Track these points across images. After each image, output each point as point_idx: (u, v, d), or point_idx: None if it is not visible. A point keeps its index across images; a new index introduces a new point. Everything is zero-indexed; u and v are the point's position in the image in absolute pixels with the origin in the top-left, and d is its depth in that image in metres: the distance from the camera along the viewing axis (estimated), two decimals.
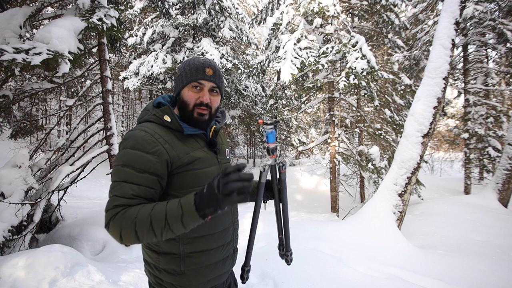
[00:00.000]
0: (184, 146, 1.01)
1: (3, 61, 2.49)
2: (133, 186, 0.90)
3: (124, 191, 0.89)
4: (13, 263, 2.58)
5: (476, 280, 2.93)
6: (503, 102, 12.21)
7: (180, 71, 1.07)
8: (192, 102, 1.04)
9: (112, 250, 3.94)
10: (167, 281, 1.03)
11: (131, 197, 0.89)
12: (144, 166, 0.91)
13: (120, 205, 0.88)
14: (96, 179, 9.20)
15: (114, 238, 0.89)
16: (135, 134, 0.96)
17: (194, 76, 1.03)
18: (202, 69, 1.04)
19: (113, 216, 0.87)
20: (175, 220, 0.81)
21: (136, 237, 0.84)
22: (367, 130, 8.25)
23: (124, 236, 0.85)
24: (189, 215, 0.80)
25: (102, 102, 4.14)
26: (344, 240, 3.86)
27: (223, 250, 1.10)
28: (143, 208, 0.86)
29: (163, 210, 0.83)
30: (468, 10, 7.45)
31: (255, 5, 17.01)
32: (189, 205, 0.80)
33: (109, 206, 0.89)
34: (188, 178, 0.99)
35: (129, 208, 0.87)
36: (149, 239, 0.84)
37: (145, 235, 0.83)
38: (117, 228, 0.85)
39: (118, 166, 0.94)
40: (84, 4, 3.39)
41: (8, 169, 3.40)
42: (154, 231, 0.82)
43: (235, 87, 11.02)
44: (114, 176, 0.93)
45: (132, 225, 0.83)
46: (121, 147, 0.96)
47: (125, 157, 0.93)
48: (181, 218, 0.81)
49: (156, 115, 1.02)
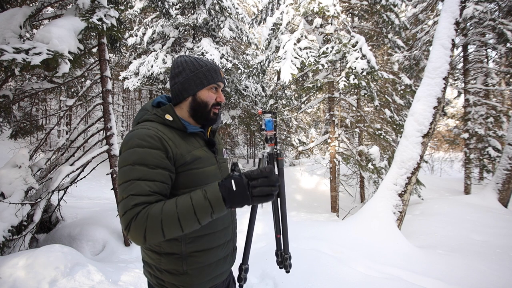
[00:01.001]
0: (186, 144, 1.02)
1: (3, 61, 2.49)
2: (149, 182, 0.88)
3: (140, 188, 0.87)
4: (13, 263, 2.58)
5: (476, 280, 2.93)
6: (503, 102, 12.22)
7: (194, 72, 1.08)
8: (211, 102, 1.10)
9: (112, 250, 3.94)
10: (169, 281, 1.03)
11: (149, 194, 0.87)
12: (155, 162, 0.91)
13: (139, 203, 0.85)
14: (96, 179, 9.19)
15: (134, 241, 0.85)
16: (138, 133, 0.95)
17: (214, 79, 1.09)
18: (219, 72, 1.11)
19: (134, 217, 0.84)
20: (204, 216, 0.84)
21: (162, 235, 0.83)
22: (367, 130, 8.25)
23: (149, 236, 0.83)
24: (219, 210, 0.84)
25: (102, 102, 4.14)
26: (344, 240, 3.86)
27: (224, 248, 1.10)
28: (166, 205, 0.84)
29: (189, 206, 0.83)
30: (468, 10, 7.45)
31: (255, 5, 17.01)
32: (218, 201, 0.83)
33: (127, 207, 0.86)
34: (190, 177, 1.00)
35: (150, 207, 0.84)
36: (175, 234, 0.84)
37: (172, 231, 0.83)
38: (141, 228, 0.82)
39: (128, 166, 0.91)
40: (84, 4, 3.39)
41: (8, 169, 3.40)
42: (182, 227, 0.83)
43: (235, 87, 11.02)
44: (125, 176, 0.90)
45: (158, 223, 0.82)
46: (126, 147, 0.94)
47: (134, 156, 0.91)
48: (211, 213, 0.84)
49: (157, 114, 1.03)
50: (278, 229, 1.31)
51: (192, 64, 1.08)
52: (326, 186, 10.21)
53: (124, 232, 0.86)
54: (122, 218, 0.86)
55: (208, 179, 1.04)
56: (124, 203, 0.87)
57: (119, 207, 0.89)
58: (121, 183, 0.90)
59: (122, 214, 0.86)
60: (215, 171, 1.09)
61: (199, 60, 1.10)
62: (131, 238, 0.85)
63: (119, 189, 0.91)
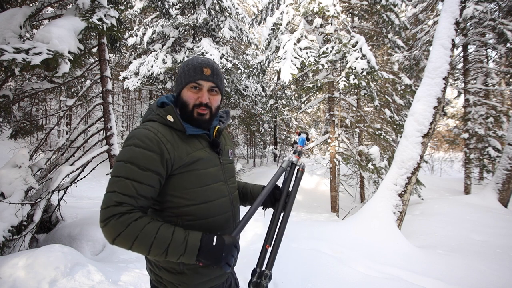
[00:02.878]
0: (187, 146, 1.02)
1: (3, 61, 2.49)
2: (136, 184, 0.90)
3: (126, 188, 0.90)
4: (13, 263, 2.58)
5: (476, 280, 2.93)
6: (503, 102, 12.22)
7: (180, 72, 1.09)
8: (191, 103, 1.05)
9: (112, 250, 3.93)
10: (167, 279, 1.04)
11: (133, 196, 0.90)
12: (147, 164, 0.92)
13: (122, 202, 0.88)
14: (96, 179, 9.19)
15: (105, 236, 0.88)
16: (138, 132, 0.97)
17: (192, 77, 1.04)
18: (200, 69, 1.04)
19: (117, 216, 0.87)
20: (174, 253, 0.89)
21: (129, 246, 0.87)
22: (367, 130, 8.25)
23: (119, 241, 0.87)
24: (189, 256, 0.90)
25: (102, 102, 4.14)
26: (344, 240, 3.86)
27: None
28: (149, 226, 0.88)
29: (168, 238, 0.88)
30: (468, 10, 7.45)
31: (255, 5, 17.02)
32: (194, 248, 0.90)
33: (110, 202, 0.89)
34: (191, 178, 1.00)
35: (135, 216, 0.88)
36: (139, 252, 0.89)
37: (139, 249, 0.88)
38: (117, 230, 0.86)
39: (121, 162, 0.93)
40: (84, 4, 3.39)
41: (8, 169, 3.40)
42: (150, 250, 0.88)
43: (235, 87, 11.02)
44: (116, 171, 0.93)
45: (133, 236, 0.86)
46: (125, 144, 0.97)
47: (129, 153, 0.93)
48: (180, 255, 0.89)
49: (160, 115, 1.03)
50: (271, 239, 1.16)
51: (184, 64, 1.09)
52: (326, 186, 10.21)
53: (100, 224, 0.88)
54: (102, 211, 0.88)
55: (209, 180, 1.04)
56: (108, 196, 0.90)
57: (103, 197, 0.91)
58: (112, 176, 0.94)
59: (104, 207, 0.89)
60: (217, 172, 1.08)
61: (192, 59, 1.09)
62: (104, 232, 0.88)
63: (109, 180, 0.94)
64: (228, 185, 1.13)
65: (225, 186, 1.11)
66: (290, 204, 1.22)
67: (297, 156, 1.26)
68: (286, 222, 1.19)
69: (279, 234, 1.16)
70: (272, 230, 1.18)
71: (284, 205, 1.22)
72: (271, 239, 1.17)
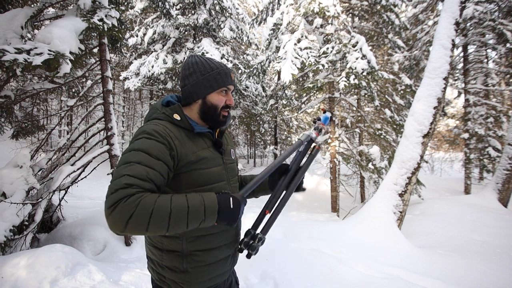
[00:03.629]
0: (192, 144, 1.03)
1: (5, 61, 2.50)
2: (148, 169, 0.87)
3: (138, 171, 0.85)
4: (14, 263, 2.58)
5: (476, 280, 2.94)
6: (503, 102, 12.22)
7: (204, 75, 1.08)
8: (220, 105, 1.10)
9: (112, 250, 3.94)
10: (170, 278, 1.04)
11: (145, 179, 0.85)
12: (159, 154, 0.91)
13: (133, 184, 0.82)
14: (97, 179, 9.20)
15: (114, 225, 0.78)
16: (148, 127, 0.98)
17: (225, 82, 1.10)
18: (229, 75, 1.11)
19: (125, 198, 0.79)
20: (194, 221, 0.86)
21: (145, 228, 0.79)
22: (367, 130, 8.26)
23: (132, 223, 0.78)
24: (209, 221, 0.88)
25: (103, 102, 4.14)
26: (344, 240, 3.87)
27: (226, 249, 1.11)
28: (160, 198, 0.83)
29: (184, 206, 0.84)
30: (468, 11, 7.46)
31: (256, 5, 17.02)
32: (213, 212, 0.88)
33: (119, 185, 0.81)
34: (194, 177, 1.01)
35: (144, 194, 0.81)
36: (158, 232, 0.81)
37: (157, 226, 0.80)
38: (127, 212, 0.77)
39: (132, 151, 0.90)
40: (85, 5, 3.40)
41: (9, 169, 3.41)
42: (169, 224, 0.82)
43: (236, 87, 11.03)
44: (126, 158, 0.89)
45: (147, 213, 0.79)
46: (135, 138, 0.96)
47: (140, 144, 0.92)
48: (201, 221, 0.87)
49: (166, 113, 1.04)
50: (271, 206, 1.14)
51: (203, 67, 1.08)
52: (326, 186, 10.22)
53: (106, 212, 0.79)
54: (109, 196, 0.80)
55: (212, 180, 1.05)
56: (116, 181, 0.83)
57: (109, 186, 0.83)
58: (119, 165, 0.88)
59: (112, 192, 0.80)
60: (221, 172, 1.10)
61: (210, 62, 1.10)
62: (111, 220, 0.78)
63: (116, 171, 0.88)
64: (231, 184, 1.15)
65: (227, 186, 1.12)
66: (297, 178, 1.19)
67: (316, 133, 1.23)
68: (290, 195, 1.18)
69: (281, 203, 1.15)
70: (275, 198, 1.15)
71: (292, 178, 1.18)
72: (272, 206, 1.15)
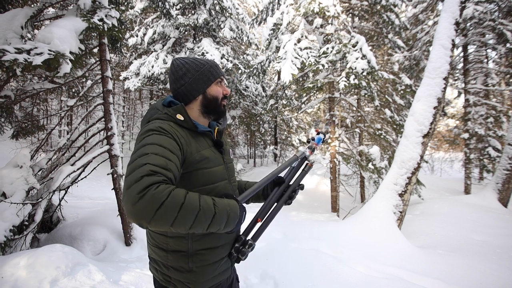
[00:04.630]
0: (196, 143, 1.05)
1: (5, 61, 2.50)
2: (167, 160, 0.85)
3: (159, 161, 0.83)
4: (14, 263, 2.58)
5: (476, 280, 2.94)
6: (503, 102, 12.22)
7: (198, 71, 1.10)
8: (220, 96, 1.15)
9: (112, 250, 3.95)
10: (176, 278, 1.05)
11: (167, 168, 0.83)
12: (172, 148, 0.91)
13: (158, 172, 0.79)
14: (97, 179, 9.20)
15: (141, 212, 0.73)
16: (154, 125, 0.97)
17: (218, 73, 1.14)
18: (218, 66, 1.17)
19: (154, 185, 0.75)
20: (216, 225, 0.86)
21: (172, 219, 0.75)
22: (367, 130, 8.26)
23: (161, 213, 0.73)
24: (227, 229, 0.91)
25: (103, 102, 4.14)
26: (344, 240, 3.87)
27: (228, 247, 1.12)
28: (190, 194, 0.81)
29: (211, 208, 0.84)
30: (468, 11, 7.46)
31: (256, 5, 17.03)
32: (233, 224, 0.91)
33: (143, 172, 0.77)
34: (199, 176, 1.02)
35: (173, 186, 0.79)
36: (180, 228, 0.78)
37: (183, 222, 0.77)
38: (158, 200, 0.73)
39: (147, 145, 0.88)
40: (85, 5, 3.40)
41: (9, 169, 3.41)
42: (194, 222, 0.79)
43: (236, 87, 11.03)
44: (141, 152, 0.86)
45: (178, 205, 0.76)
46: (143, 136, 0.94)
47: (153, 138, 0.91)
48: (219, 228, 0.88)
49: (168, 114, 1.04)
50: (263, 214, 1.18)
51: (194, 64, 1.11)
52: (326, 186, 10.22)
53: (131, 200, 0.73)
54: (135, 184, 0.75)
55: (215, 179, 1.07)
56: (139, 170, 0.78)
57: (128, 178, 0.78)
58: (136, 158, 0.83)
59: (137, 180, 0.75)
60: (222, 171, 1.12)
61: (197, 59, 1.13)
62: (139, 208, 0.72)
63: (131, 165, 0.82)
64: (231, 183, 1.18)
65: (229, 185, 1.15)
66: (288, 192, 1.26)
67: (310, 152, 1.33)
68: (281, 207, 1.23)
69: (272, 213, 1.20)
70: (267, 207, 1.20)
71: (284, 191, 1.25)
72: (264, 215, 1.19)
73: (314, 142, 1.37)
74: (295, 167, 1.31)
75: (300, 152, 1.32)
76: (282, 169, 1.21)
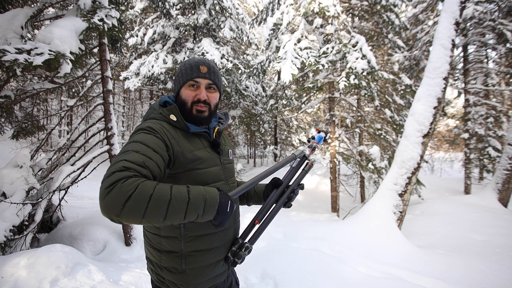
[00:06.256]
0: (189, 144, 1.03)
1: (5, 61, 2.50)
2: (145, 157, 0.85)
3: (135, 158, 0.83)
4: (14, 263, 2.58)
5: (476, 280, 2.94)
6: (503, 102, 12.21)
7: (177, 72, 1.12)
8: (189, 100, 1.08)
9: (112, 250, 3.95)
10: (169, 279, 1.04)
11: (142, 165, 0.83)
12: (156, 147, 0.91)
13: (130, 168, 0.79)
14: (97, 179, 9.16)
15: (109, 208, 0.73)
16: (145, 124, 0.99)
17: (189, 75, 1.07)
18: (197, 68, 1.08)
19: (122, 180, 0.75)
20: (192, 213, 0.81)
21: (141, 214, 0.74)
22: (367, 130, 8.26)
23: (129, 206, 0.73)
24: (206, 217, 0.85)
25: (103, 102, 4.14)
26: (345, 240, 3.87)
27: (224, 250, 1.11)
28: (160, 185, 0.79)
29: (185, 196, 0.80)
30: (468, 11, 7.46)
31: (256, 5, 17.04)
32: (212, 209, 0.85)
33: (116, 168, 0.78)
34: (193, 176, 1.01)
35: (143, 179, 0.78)
36: (153, 220, 0.77)
37: (154, 213, 0.76)
38: (125, 194, 0.73)
39: (131, 143, 0.91)
40: (85, 5, 3.40)
41: (9, 169, 3.41)
42: (167, 213, 0.77)
43: (236, 87, 11.03)
44: (124, 149, 0.89)
45: (146, 197, 0.75)
46: (132, 135, 0.97)
47: (139, 137, 0.93)
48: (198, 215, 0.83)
49: (162, 114, 1.05)
50: (261, 217, 1.16)
51: (181, 64, 1.13)
52: (326, 186, 10.22)
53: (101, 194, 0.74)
54: (106, 179, 0.76)
55: (210, 180, 1.06)
56: (114, 166, 0.80)
57: (106, 172, 0.80)
58: (119, 154, 0.87)
59: (109, 175, 0.77)
60: (219, 172, 1.10)
61: (189, 59, 1.12)
62: (107, 202, 0.73)
63: (113, 161, 0.85)
64: (229, 184, 1.15)
65: (226, 186, 1.13)
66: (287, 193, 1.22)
67: (310, 151, 1.29)
68: (279, 209, 1.20)
69: (271, 215, 1.17)
70: (265, 209, 1.18)
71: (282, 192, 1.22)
72: (262, 217, 1.17)
73: (314, 141, 1.34)
74: (295, 166, 1.28)
75: (299, 151, 1.29)
76: (278, 167, 1.18)
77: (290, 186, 1.24)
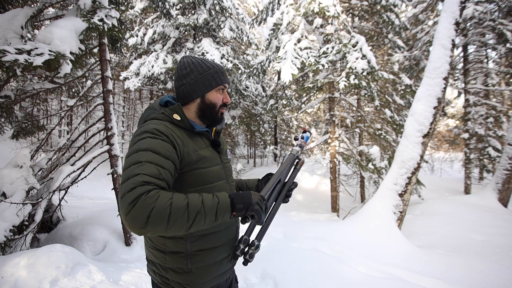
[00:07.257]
0: (193, 143, 1.04)
1: (5, 61, 2.50)
2: (159, 168, 0.87)
3: (152, 171, 0.85)
4: (14, 263, 2.58)
5: (476, 280, 2.94)
6: (503, 102, 12.21)
7: (202, 74, 1.09)
8: (219, 103, 1.13)
9: (113, 250, 3.95)
10: (174, 280, 1.04)
11: (160, 178, 0.85)
12: (166, 153, 0.91)
13: (150, 182, 0.82)
14: (97, 179, 9.20)
15: (133, 223, 0.77)
16: (149, 127, 0.97)
17: (222, 80, 1.12)
18: (225, 73, 1.15)
19: (145, 194, 0.78)
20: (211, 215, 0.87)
21: (166, 221, 0.79)
22: (367, 130, 8.26)
23: (153, 220, 0.77)
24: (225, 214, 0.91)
25: (103, 102, 4.14)
26: (345, 240, 3.87)
27: (228, 247, 1.11)
28: (176, 194, 0.84)
29: (199, 201, 0.86)
30: (468, 11, 7.46)
31: (256, 5, 17.04)
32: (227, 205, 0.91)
33: (136, 183, 0.80)
34: (196, 176, 1.02)
35: (159, 192, 0.81)
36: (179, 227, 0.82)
37: (178, 221, 0.81)
38: (148, 207, 0.77)
39: (139, 152, 0.89)
40: (85, 5, 3.40)
41: (9, 169, 3.41)
42: (189, 217, 0.82)
43: (236, 87, 11.03)
44: (135, 158, 0.88)
45: (167, 206, 0.79)
46: (138, 138, 0.95)
47: (147, 143, 0.92)
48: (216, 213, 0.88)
49: (165, 114, 1.04)
50: None
51: (200, 66, 1.09)
52: (326, 186, 10.22)
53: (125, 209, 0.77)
54: (127, 194, 0.79)
55: (213, 179, 1.07)
56: (132, 180, 0.82)
57: (122, 186, 0.82)
58: (130, 165, 0.86)
59: (130, 190, 0.79)
60: (220, 171, 1.11)
61: (205, 61, 1.11)
62: (132, 216, 0.77)
63: (125, 171, 0.86)
64: (229, 183, 1.17)
65: (227, 185, 1.14)
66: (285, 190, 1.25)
67: (300, 150, 1.35)
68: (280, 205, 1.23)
69: (273, 212, 1.19)
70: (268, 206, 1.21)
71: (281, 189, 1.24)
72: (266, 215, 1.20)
73: (303, 140, 1.39)
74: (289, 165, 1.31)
75: (295, 150, 1.33)
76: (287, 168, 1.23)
77: (287, 183, 1.27)
